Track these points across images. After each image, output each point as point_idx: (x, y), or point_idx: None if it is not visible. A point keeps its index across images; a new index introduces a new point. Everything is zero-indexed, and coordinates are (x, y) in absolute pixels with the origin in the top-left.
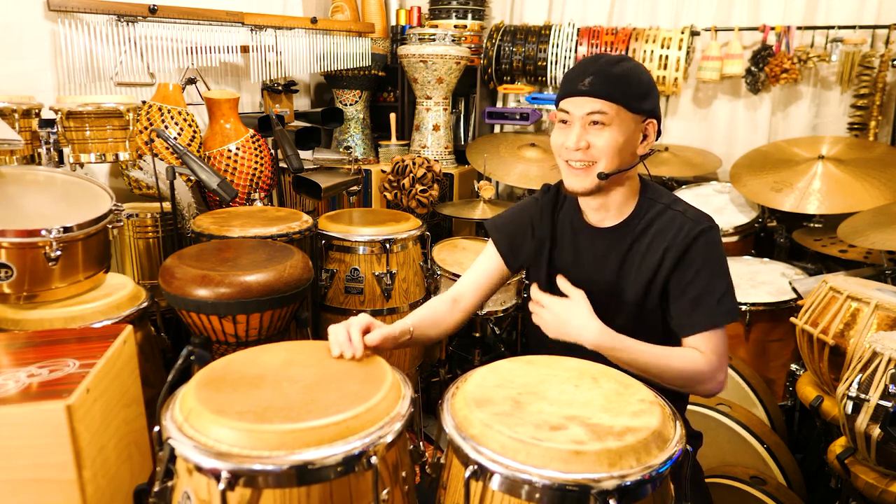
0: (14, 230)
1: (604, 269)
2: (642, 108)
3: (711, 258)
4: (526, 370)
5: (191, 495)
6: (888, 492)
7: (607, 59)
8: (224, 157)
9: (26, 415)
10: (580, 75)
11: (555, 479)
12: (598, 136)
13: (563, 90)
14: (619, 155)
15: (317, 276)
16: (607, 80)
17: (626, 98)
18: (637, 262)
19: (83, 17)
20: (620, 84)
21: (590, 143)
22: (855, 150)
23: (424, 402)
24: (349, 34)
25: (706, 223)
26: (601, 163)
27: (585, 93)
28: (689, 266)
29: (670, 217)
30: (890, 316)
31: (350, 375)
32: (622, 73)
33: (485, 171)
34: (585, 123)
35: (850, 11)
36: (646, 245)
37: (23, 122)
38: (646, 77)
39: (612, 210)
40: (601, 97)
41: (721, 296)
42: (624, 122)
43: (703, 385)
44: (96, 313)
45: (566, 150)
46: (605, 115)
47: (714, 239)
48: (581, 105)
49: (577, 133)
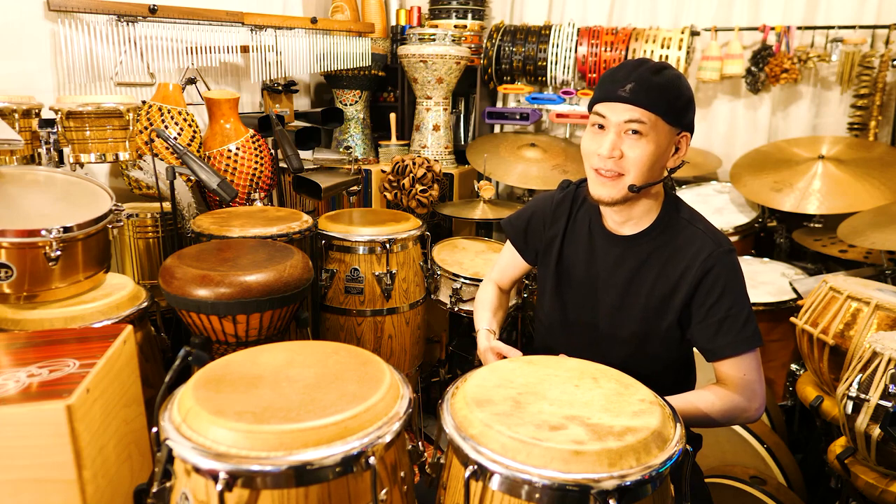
0: (14, 230)
1: (615, 277)
2: (680, 122)
3: (734, 281)
4: (526, 370)
5: (189, 496)
6: (888, 492)
7: (650, 65)
8: (224, 157)
9: (26, 415)
10: (622, 80)
11: (555, 479)
12: (633, 146)
13: (602, 93)
14: (650, 168)
15: (317, 276)
16: (650, 89)
17: (666, 109)
18: (652, 276)
19: (83, 17)
20: (663, 94)
21: (623, 153)
22: (855, 150)
23: (424, 402)
24: (349, 34)
25: (728, 245)
26: (631, 174)
27: (626, 99)
28: (713, 288)
29: (691, 234)
30: (890, 316)
31: (349, 376)
32: (665, 82)
33: (485, 171)
34: (622, 131)
35: (850, 11)
36: (663, 259)
37: (23, 122)
38: (687, 90)
39: (634, 219)
40: (642, 106)
41: (745, 319)
42: (660, 134)
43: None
44: (96, 313)
45: (598, 158)
46: (643, 124)
47: (736, 262)
48: (620, 112)
49: (611, 140)
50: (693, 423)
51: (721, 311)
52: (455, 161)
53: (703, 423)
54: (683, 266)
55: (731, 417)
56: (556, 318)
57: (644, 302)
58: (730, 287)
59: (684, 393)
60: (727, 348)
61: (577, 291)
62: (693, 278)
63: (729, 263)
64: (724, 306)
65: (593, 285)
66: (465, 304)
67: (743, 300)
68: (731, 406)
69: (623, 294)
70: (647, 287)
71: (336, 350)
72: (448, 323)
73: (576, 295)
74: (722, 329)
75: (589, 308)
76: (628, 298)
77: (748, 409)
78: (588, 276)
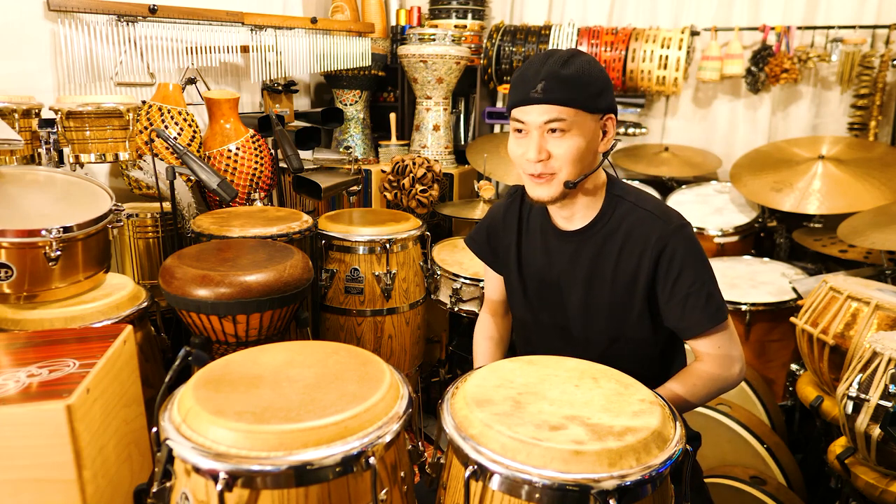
0: (14, 230)
1: (575, 272)
2: (600, 107)
3: (691, 256)
4: (526, 370)
5: (189, 496)
6: (888, 492)
7: (557, 58)
8: (224, 157)
9: (26, 415)
10: (531, 80)
11: (555, 479)
12: (559, 144)
13: (515, 97)
14: (581, 160)
15: (317, 276)
16: (561, 84)
17: (583, 100)
18: (611, 264)
19: (83, 17)
20: (575, 86)
21: (550, 154)
22: (855, 150)
23: (424, 402)
24: (349, 34)
25: (677, 221)
26: (564, 171)
27: (539, 100)
28: (671, 267)
29: (640, 217)
30: (890, 316)
31: (349, 376)
32: (575, 73)
33: (485, 171)
34: (543, 132)
35: (850, 11)
36: (618, 246)
37: (23, 122)
38: (600, 73)
39: (579, 212)
40: (557, 103)
41: (708, 294)
42: (584, 125)
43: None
44: (96, 313)
45: (528, 163)
46: (563, 121)
47: (690, 236)
48: (537, 114)
49: (535, 143)
50: (682, 410)
51: (683, 289)
52: (455, 161)
53: (690, 408)
54: (639, 250)
55: (716, 391)
56: (530, 324)
57: (609, 295)
58: (687, 262)
59: (666, 383)
60: (696, 326)
61: (544, 294)
62: (650, 261)
63: (682, 239)
64: (686, 283)
65: (557, 286)
66: (465, 304)
67: (702, 274)
68: (712, 384)
69: (587, 290)
70: (608, 278)
71: (336, 350)
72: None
73: (543, 298)
74: (687, 306)
75: (558, 309)
76: (593, 293)
77: (728, 378)
78: (550, 277)
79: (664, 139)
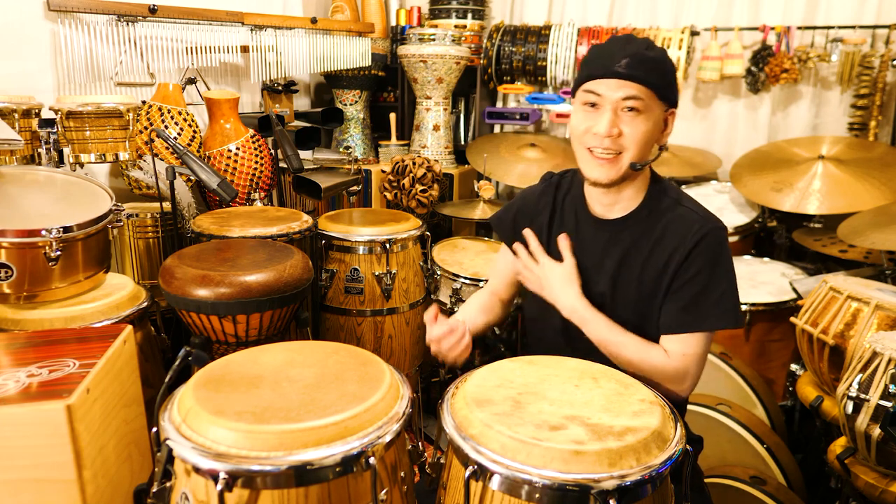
0: (14, 230)
1: (604, 263)
2: (669, 97)
3: (714, 260)
4: (526, 370)
5: (189, 496)
6: (888, 492)
7: (640, 41)
8: (224, 157)
9: (26, 415)
10: (616, 55)
11: (555, 479)
12: (631, 123)
13: (593, 69)
14: (647, 145)
15: (317, 276)
16: (645, 64)
17: (661, 85)
18: (642, 259)
19: (83, 17)
20: (657, 69)
21: (621, 132)
22: (855, 150)
23: (424, 402)
24: (349, 34)
25: (714, 223)
26: (630, 152)
27: (622, 75)
28: (691, 266)
29: (680, 214)
30: (890, 316)
31: (349, 376)
32: (657, 57)
33: (485, 171)
34: (618, 108)
35: (850, 11)
36: (654, 240)
37: (23, 122)
38: (672, 65)
39: (622, 202)
40: (639, 81)
41: (717, 300)
42: (654, 111)
43: (665, 385)
44: (96, 313)
45: (593, 137)
46: (640, 101)
47: (719, 240)
48: (616, 88)
49: (608, 119)
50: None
51: (691, 290)
52: (455, 161)
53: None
54: (673, 245)
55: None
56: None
57: (636, 288)
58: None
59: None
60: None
61: None
62: (682, 255)
63: (715, 240)
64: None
65: (584, 275)
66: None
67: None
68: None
69: (614, 280)
70: (637, 271)
71: (336, 350)
72: None
73: None
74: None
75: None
76: (619, 284)
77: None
78: (578, 265)
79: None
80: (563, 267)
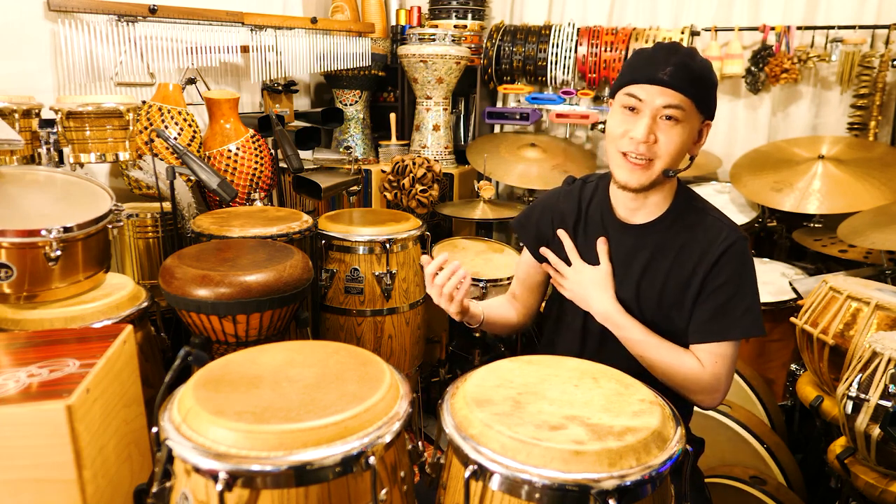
0: (14, 230)
1: (630, 268)
2: (708, 110)
3: (742, 269)
4: (526, 370)
5: (189, 496)
6: (888, 492)
7: (686, 51)
8: (224, 157)
9: (26, 415)
10: (660, 63)
11: (555, 479)
12: (668, 131)
13: (636, 74)
14: (680, 155)
15: (317, 276)
16: (689, 74)
17: (702, 97)
18: (667, 265)
19: (83, 17)
20: (700, 80)
21: (657, 139)
22: (855, 150)
23: (424, 402)
24: (349, 34)
25: (739, 233)
26: (663, 160)
27: (665, 83)
28: (720, 273)
29: (707, 222)
30: (890, 316)
31: (349, 376)
32: (701, 68)
33: (485, 171)
34: (657, 115)
35: (850, 11)
36: (677, 247)
37: (23, 122)
38: (715, 77)
39: (648, 207)
40: (681, 91)
41: (745, 309)
42: (691, 121)
43: (698, 395)
44: (96, 313)
45: (629, 141)
46: (680, 110)
47: (745, 249)
48: (656, 95)
49: (647, 124)
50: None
51: (720, 298)
52: (455, 161)
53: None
54: (699, 252)
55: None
56: (566, 314)
57: (659, 295)
58: (737, 274)
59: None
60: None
61: None
62: (708, 264)
63: (741, 250)
64: (726, 293)
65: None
66: None
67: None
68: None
69: (637, 286)
70: (661, 277)
71: (336, 350)
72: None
73: None
74: (717, 316)
75: None
76: (643, 290)
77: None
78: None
79: None
80: (599, 270)
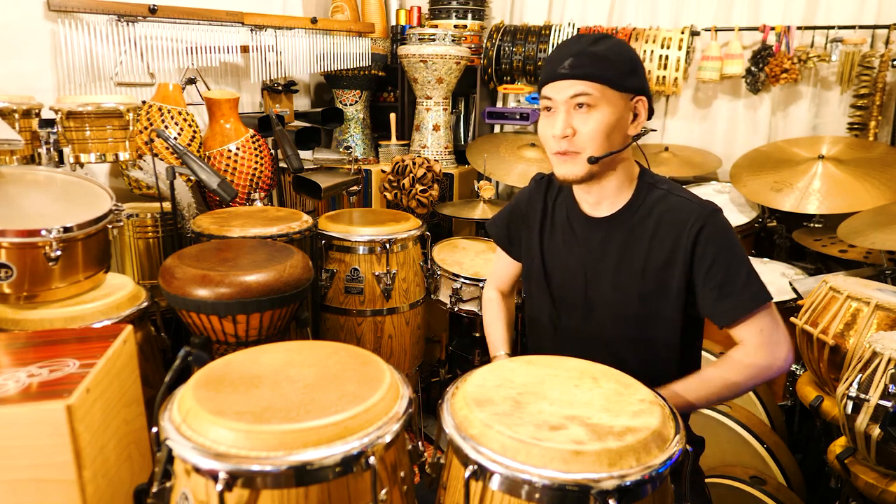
0: (14, 230)
1: (604, 261)
2: (629, 86)
3: (727, 242)
4: (526, 370)
5: (189, 496)
6: (888, 492)
7: (587, 38)
8: (224, 157)
9: (26, 415)
10: (560, 58)
11: (555, 479)
12: (584, 120)
13: (544, 76)
14: (608, 138)
15: (317, 276)
16: (588, 60)
17: (611, 76)
18: (643, 252)
19: (83, 17)
20: (603, 62)
21: (576, 130)
22: (855, 150)
23: (424, 402)
24: (349, 34)
25: (710, 207)
26: (588, 149)
27: (566, 76)
28: (705, 254)
29: (674, 203)
30: (890, 316)
31: (349, 376)
32: (604, 50)
33: (485, 171)
34: (570, 108)
35: (850, 11)
36: (650, 233)
37: (23, 122)
38: (629, 53)
39: (609, 197)
40: (583, 78)
41: (745, 280)
42: (611, 103)
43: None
44: (96, 313)
45: (553, 140)
46: (589, 96)
47: (724, 220)
48: (563, 89)
49: (562, 119)
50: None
51: (719, 275)
52: (455, 161)
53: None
54: (674, 235)
55: (756, 381)
56: (547, 316)
57: (639, 284)
58: (723, 248)
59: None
60: (735, 310)
61: (566, 284)
62: (687, 245)
63: (718, 223)
64: (721, 268)
65: (582, 275)
66: (465, 304)
67: (739, 259)
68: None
69: (615, 280)
70: (639, 267)
71: (336, 350)
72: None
73: (565, 288)
74: (723, 292)
75: (581, 306)
76: (621, 282)
77: (771, 366)
78: (574, 267)
79: (664, 139)
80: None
